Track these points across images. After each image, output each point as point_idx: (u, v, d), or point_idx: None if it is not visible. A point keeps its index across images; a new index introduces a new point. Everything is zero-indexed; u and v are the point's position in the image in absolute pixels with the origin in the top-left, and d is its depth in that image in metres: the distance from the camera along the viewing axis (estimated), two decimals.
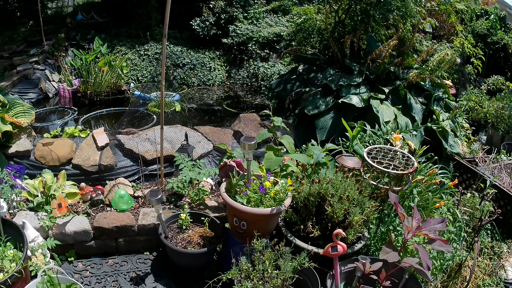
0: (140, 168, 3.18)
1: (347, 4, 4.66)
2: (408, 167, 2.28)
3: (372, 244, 2.50)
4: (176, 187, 2.87)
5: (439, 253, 2.30)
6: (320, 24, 4.92)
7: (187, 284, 2.43)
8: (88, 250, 2.58)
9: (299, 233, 2.30)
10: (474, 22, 7.09)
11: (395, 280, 1.99)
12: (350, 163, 2.63)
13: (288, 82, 4.82)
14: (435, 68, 4.66)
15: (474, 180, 3.32)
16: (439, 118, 3.76)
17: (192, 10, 7.56)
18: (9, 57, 6.07)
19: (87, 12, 7.63)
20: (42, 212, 2.53)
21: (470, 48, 5.72)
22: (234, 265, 1.91)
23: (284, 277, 1.89)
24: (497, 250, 2.82)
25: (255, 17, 7.39)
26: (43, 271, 1.93)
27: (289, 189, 2.27)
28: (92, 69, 5.25)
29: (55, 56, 6.08)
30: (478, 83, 6.58)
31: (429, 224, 1.91)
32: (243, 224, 2.23)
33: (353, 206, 2.21)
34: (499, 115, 4.75)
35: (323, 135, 3.76)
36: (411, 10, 4.36)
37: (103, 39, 6.42)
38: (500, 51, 7.24)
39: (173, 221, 2.59)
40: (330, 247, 2.01)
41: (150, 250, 2.68)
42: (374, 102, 3.73)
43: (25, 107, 3.36)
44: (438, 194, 2.61)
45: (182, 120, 4.90)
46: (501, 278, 2.62)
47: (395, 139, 2.82)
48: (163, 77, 2.73)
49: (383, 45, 4.11)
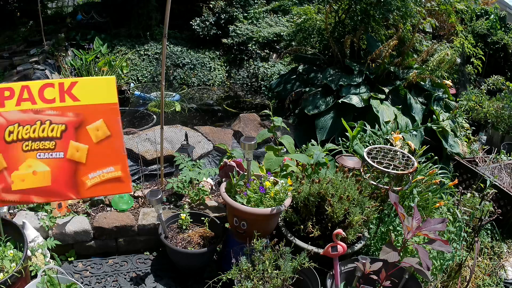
0: (140, 168, 3.18)
1: (347, 4, 4.66)
2: (408, 167, 2.28)
3: (372, 244, 2.50)
4: (176, 187, 2.87)
5: (439, 253, 2.30)
6: (320, 24, 4.92)
7: (187, 284, 2.43)
8: (88, 250, 2.58)
9: (299, 233, 2.30)
10: (474, 22, 7.09)
11: (395, 280, 1.99)
12: (350, 163, 2.63)
13: (288, 82, 4.83)
14: (435, 68, 4.66)
15: (474, 180, 3.32)
16: (439, 118, 3.76)
17: (192, 10, 7.57)
18: (9, 57, 6.08)
19: (87, 12, 7.62)
20: (42, 212, 2.53)
21: (470, 48, 5.72)
22: (234, 265, 1.91)
23: (284, 277, 1.89)
24: (497, 250, 2.82)
25: (255, 17, 7.39)
26: (43, 271, 1.93)
27: (289, 189, 2.27)
28: (92, 69, 5.25)
29: (55, 56, 6.07)
30: (478, 83, 6.58)
31: (429, 224, 1.91)
32: (243, 224, 2.23)
33: (353, 206, 2.21)
34: (499, 115, 4.76)
35: (323, 135, 3.76)
36: (411, 10, 4.36)
37: (103, 39, 6.42)
38: (500, 51, 7.25)
39: (173, 221, 2.59)
40: (330, 247, 2.01)
41: (150, 250, 2.68)
42: (374, 102, 3.73)
43: None
44: (438, 194, 2.61)
45: (182, 120, 4.90)
46: (501, 278, 2.62)
47: (395, 139, 2.82)
48: (163, 77, 2.73)
49: (383, 45, 4.11)
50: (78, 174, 0.52)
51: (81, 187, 0.52)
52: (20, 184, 0.50)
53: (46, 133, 0.53)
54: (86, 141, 0.53)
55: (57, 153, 0.54)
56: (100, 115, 0.54)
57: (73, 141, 0.53)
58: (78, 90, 0.56)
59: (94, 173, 0.54)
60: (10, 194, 0.48)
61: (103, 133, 0.52)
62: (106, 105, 0.54)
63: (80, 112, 0.54)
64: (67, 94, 0.55)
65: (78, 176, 0.52)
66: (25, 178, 0.51)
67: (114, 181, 0.52)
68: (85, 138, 0.53)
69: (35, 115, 0.52)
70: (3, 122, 0.51)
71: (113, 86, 0.55)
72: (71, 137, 0.53)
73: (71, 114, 0.54)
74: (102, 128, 0.54)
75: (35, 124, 0.53)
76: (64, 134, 0.53)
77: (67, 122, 0.54)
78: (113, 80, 0.55)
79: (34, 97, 0.54)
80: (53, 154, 0.54)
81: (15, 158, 0.50)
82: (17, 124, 0.52)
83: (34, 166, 0.51)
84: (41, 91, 0.54)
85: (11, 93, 0.53)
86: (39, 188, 0.50)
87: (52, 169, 0.51)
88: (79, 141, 0.54)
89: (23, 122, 0.51)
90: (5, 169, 0.51)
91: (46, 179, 0.52)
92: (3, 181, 0.49)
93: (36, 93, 0.54)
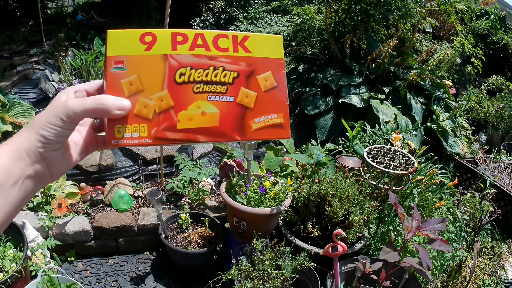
0: (140, 168, 3.18)
1: (347, 4, 4.66)
2: (408, 167, 2.28)
3: (372, 244, 2.50)
4: (176, 187, 2.87)
5: (439, 253, 2.30)
6: (320, 24, 4.92)
7: (187, 284, 2.43)
8: (88, 250, 2.58)
9: (299, 233, 2.30)
10: (474, 22, 7.09)
11: (395, 280, 1.99)
12: (350, 163, 2.63)
13: (288, 82, 4.82)
14: (435, 68, 4.66)
15: (474, 180, 3.32)
16: (439, 118, 3.76)
17: (192, 10, 7.56)
18: (9, 57, 6.07)
19: (87, 12, 7.62)
20: (42, 212, 2.53)
21: (470, 48, 5.72)
22: (234, 265, 1.91)
23: (284, 277, 1.89)
24: (497, 250, 2.82)
25: (255, 17, 7.39)
26: (43, 271, 1.93)
27: (289, 189, 2.26)
28: (92, 69, 5.25)
29: (55, 56, 6.07)
30: (478, 83, 6.58)
31: (429, 224, 1.91)
32: (243, 224, 2.23)
33: (353, 206, 2.21)
34: (499, 115, 4.76)
35: (323, 135, 3.76)
36: (411, 10, 4.36)
37: (103, 39, 6.42)
38: (500, 51, 7.25)
39: (173, 221, 2.59)
40: (330, 247, 2.01)
41: (150, 250, 2.68)
42: (374, 102, 3.73)
43: (25, 107, 3.36)
44: (438, 194, 2.61)
45: None
46: (501, 278, 2.62)
47: (395, 139, 2.82)
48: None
49: (383, 45, 4.11)
50: (245, 118, 0.55)
51: (246, 130, 0.55)
52: (187, 123, 0.53)
53: (219, 78, 0.57)
54: (255, 89, 0.57)
55: (227, 97, 0.57)
56: (269, 68, 0.58)
57: (244, 87, 0.57)
58: (250, 44, 0.60)
59: (260, 118, 0.57)
60: (174, 133, 0.51)
61: (271, 83, 0.56)
62: (274, 59, 0.58)
63: (251, 63, 0.59)
64: (240, 45, 0.59)
65: (245, 120, 0.55)
66: (193, 117, 0.54)
67: (276, 127, 0.55)
68: (255, 86, 0.57)
69: (209, 61, 0.56)
70: (174, 64, 0.55)
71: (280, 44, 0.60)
72: (242, 84, 0.57)
73: (243, 64, 0.58)
74: (270, 79, 0.58)
75: (208, 69, 0.56)
76: (236, 80, 0.57)
77: (239, 70, 0.58)
78: (281, 39, 0.61)
79: (209, 44, 0.57)
80: (224, 98, 0.57)
81: (184, 98, 0.54)
82: (189, 67, 0.55)
83: (203, 107, 0.55)
84: (215, 40, 0.58)
85: (184, 39, 0.57)
86: (206, 128, 0.53)
87: (221, 111, 0.54)
88: (249, 88, 0.58)
89: (196, 66, 0.55)
90: (171, 107, 0.54)
91: (215, 120, 0.55)
92: (168, 119, 0.52)
93: (210, 41, 0.58)
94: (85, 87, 0.57)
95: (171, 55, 0.60)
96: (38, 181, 0.52)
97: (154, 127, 0.58)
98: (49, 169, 0.52)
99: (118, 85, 0.55)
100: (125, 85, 0.56)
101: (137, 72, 0.56)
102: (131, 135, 0.56)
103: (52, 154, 0.52)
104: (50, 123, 0.50)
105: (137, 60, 0.57)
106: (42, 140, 0.50)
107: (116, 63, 0.56)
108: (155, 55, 0.58)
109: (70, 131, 0.52)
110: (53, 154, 0.52)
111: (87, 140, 0.59)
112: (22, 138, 0.50)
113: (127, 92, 0.56)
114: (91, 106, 0.51)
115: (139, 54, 0.57)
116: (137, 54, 0.57)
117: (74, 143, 0.57)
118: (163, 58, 0.58)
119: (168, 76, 0.60)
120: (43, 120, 0.50)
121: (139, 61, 0.57)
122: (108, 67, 0.55)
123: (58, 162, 0.53)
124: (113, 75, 0.55)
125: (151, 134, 0.58)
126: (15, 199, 0.49)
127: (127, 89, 0.56)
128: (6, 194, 0.47)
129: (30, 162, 0.50)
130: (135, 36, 0.57)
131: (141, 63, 0.57)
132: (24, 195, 0.50)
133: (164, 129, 0.60)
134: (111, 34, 0.56)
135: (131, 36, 0.57)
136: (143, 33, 0.57)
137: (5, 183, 0.47)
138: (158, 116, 0.59)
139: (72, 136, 0.55)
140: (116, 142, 0.55)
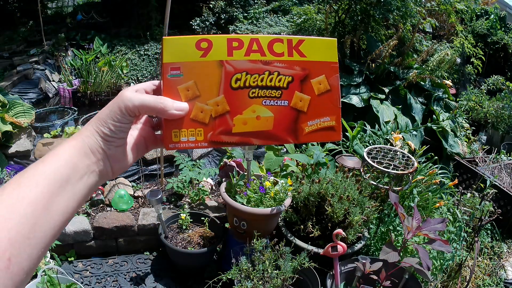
0: (140, 168, 3.18)
1: (347, 4, 4.66)
2: (408, 167, 2.28)
3: (372, 244, 2.50)
4: (176, 187, 2.87)
5: (439, 253, 2.30)
6: (320, 24, 4.92)
7: (187, 284, 2.43)
8: (88, 250, 2.58)
9: (299, 233, 2.30)
10: (474, 22, 7.09)
11: (395, 280, 1.99)
12: (350, 163, 2.63)
13: None
14: (435, 68, 4.66)
15: (474, 180, 3.32)
16: (439, 118, 3.76)
17: (192, 10, 7.56)
18: (9, 57, 6.07)
19: (87, 12, 7.63)
20: None
21: (470, 48, 5.72)
22: (234, 265, 1.91)
23: (284, 277, 1.89)
24: (497, 250, 2.82)
25: (255, 17, 7.39)
26: (43, 271, 1.93)
27: (289, 189, 2.27)
28: (92, 69, 5.25)
29: (55, 56, 6.07)
30: (478, 83, 6.58)
31: (429, 224, 1.91)
32: (243, 224, 2.23)
33: (353, 206, 2.21)
34: (499, 115, 4.76)
35: None
36: (411, 10, 4.36)
37: (103, 39, 6.42)
38: (500, 51, 7.25)
39: (173, 221, 2.59)
40: (330, 247, 2.01)
41: (150, 250, 2.68)
42: (374, 102, 3.73)
43: (25, 107, 3.36)
44: (438, 194, 2.61)
45: None
46: (501, 278, 2.62)
47: (395, 139, 2.82)
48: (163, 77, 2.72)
49: (383, 45, 4.11)
50: (299, 121, 0.56)
51: (299, 132, 0.56)
52: (242, 127, 0.54)
53: (274, 82, 0.58)
54: (309, 93, 0.58)
55: (282, 101, 0.58)
56: (323, 71, 0.59)
57: (298, 92, 0.58)
58: (305, 48, 0.61)
59: (313, 121, 0.58)
60: (229, 136, 0.51)
61: (324, 87, 0.56)
62: (328, 63, 0.58)
63: (306, 67, 0.59)
64: (295, 49, 0.60)
65: (298, 123, 0.56)
66: (247, 121, 0.55)
67: (328, 130, 0.56)
68: (309, 90, 0.58)
69: (264, 66, 0.56)
70: (230, 70, 0.56)
71: (334, 47, 0.61)
72: (297, 88, 0.58)
73: (298, 68, 0.59)
74: (324, 83, 0.58)
75: (263, 74, 0.57)
76: (291, 85, 0.58)
77: (294, 74, 0.59)
78: (334, 42, 0.61)
79: (264, 49, 0.58)
80: (278, 102, 0.58)
81: (240, 103, 0.55)
82: (245, 73, 0.56)
83: (258, 111, 0.55)
84: (270, 45, 0.59)
85: (240, 44, 0.57)
86: (261, 131, 0.54)
87: (276, 115, 0.55)
88: (303, 92, 0.59)
89: (251, 71, 0.56)
90: (227, 112, 0.55)
91: (269, 124, 0.56)
92: (224, 124, 0.53)
93: (265, 46, 0.59)
94: (143, 87, 0.59)
95: (227, 61, 0.61)
96: (101, 177, 0.53)
97: (210, 131, 0.59)
98: (111, 166, 0.54)
99: (175, 91, 0.56)
100: (182, 91, 0.56)
101: (193, 78, 0.57)
102: (188, 139, 0.57)
103: (115, 151, 0.53)
104: (110, 118, 0.51)
105: (194, 66, 0.57)
106: (105, 137, 0.51)
107: (172, 70, 0.56)
108: (212, 61, 0.58)
109: (129, 125, 0.53)
110: (116, 151, 0.53)
111: (146, 137, 0.60)
112: (86, 135, 0.51)
113: (184, 98, 0.56)
114: (150, 102, 0.53)
115: (195, 60, 0.57)
116: (194, 60, 0.57)
117: (134, 140, 0.58)
118: (219, 64, 0.59)
119: (224, 82, 0.60)
120: (104, 116, 0.52)
121: (196, 67, 0.57)
122: (164, 74, 0.56)
123: (120, 159, 0.55)
124: (169, 82, 0.56)
125: (207, 138, 0.59)
126: (80, 194, 0.50)
127: (184, 94, 0.56)
128: (74, 189, 0.48)
129: (95, 159, 0.51)
130: (191, 42, 0.57)
131: (197, 69, 0.57)
132: (88, 191, 0.51)
133: (219, 133, 0.61)
134: (167, 41, 0.56)
135: (187, 42, 0.57)
136: (199, 39, 0.58)
137: (72, 178, 0.48)
138: (214, 120, 0.59)
139: (132, 133, 0.57)
140: (173, 146, 0.57)
